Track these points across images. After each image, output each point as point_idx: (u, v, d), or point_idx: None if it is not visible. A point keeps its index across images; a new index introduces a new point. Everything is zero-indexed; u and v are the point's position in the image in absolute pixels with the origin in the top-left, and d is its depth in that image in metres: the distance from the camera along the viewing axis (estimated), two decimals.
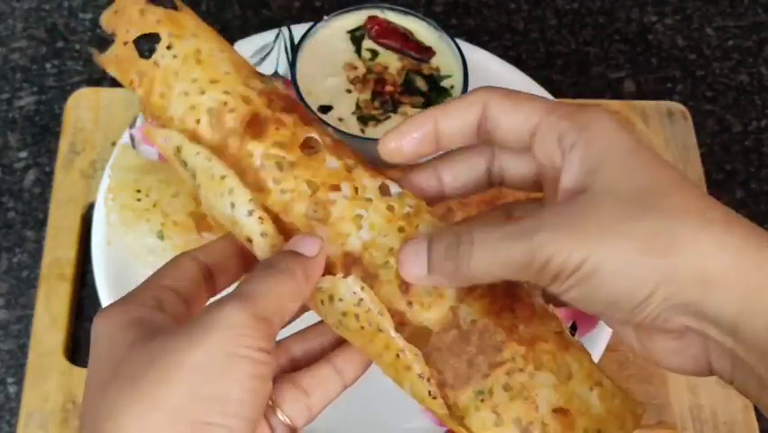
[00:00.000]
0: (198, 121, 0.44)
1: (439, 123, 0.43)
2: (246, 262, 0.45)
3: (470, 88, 0.67)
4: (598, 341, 0.61)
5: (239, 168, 0.43)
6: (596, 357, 0.60)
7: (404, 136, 0.43)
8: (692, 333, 0.38)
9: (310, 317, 0.45)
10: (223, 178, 0.42)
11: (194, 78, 0.45)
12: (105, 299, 0.61)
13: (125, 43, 0.46)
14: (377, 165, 0.68)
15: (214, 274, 0.44)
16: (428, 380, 0.41)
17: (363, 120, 0.66)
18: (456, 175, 0.46)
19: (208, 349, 0.36)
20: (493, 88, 0.43)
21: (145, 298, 0.41)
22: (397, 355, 0.41)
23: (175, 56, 0.46)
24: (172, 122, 0.45)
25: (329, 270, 0.43)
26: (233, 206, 0.42)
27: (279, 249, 0.42)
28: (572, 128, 0.39)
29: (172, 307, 0.41)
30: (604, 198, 0.37)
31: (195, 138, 0.44)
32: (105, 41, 0.47)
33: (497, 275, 0.40)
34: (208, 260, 0.44)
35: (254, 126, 0.44)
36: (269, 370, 0.38)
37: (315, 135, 0.45)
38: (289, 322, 0.42)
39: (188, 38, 0.46)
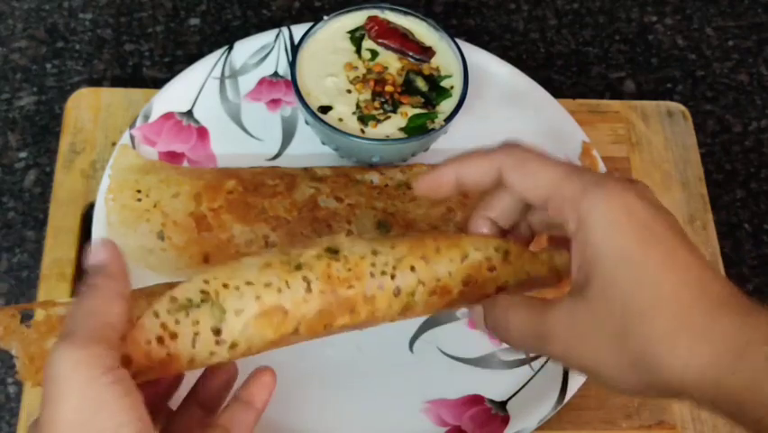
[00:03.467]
0: None
1: (459, 174, 0.49)
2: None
3: (470, 88, 0.67)
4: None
5: None
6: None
7: (432, 183, 0.50)
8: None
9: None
10: None
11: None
12: None
13: None
14: (374, 165, 0.68)
15: None
16: None
17: (363, 120, 0.66)
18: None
19: (70, 403, 0.37)
20: (508, 151, 0.47)
21: None
22: None
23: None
24: None
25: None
26: None
27: None
28: (573, 219, 0.44)
29: None
30: (597, 313, 0.42)
31: None
32: (104, 41, 0.46)
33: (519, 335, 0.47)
34: None
35: None
36: (128, 379, 0.39)
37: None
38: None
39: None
